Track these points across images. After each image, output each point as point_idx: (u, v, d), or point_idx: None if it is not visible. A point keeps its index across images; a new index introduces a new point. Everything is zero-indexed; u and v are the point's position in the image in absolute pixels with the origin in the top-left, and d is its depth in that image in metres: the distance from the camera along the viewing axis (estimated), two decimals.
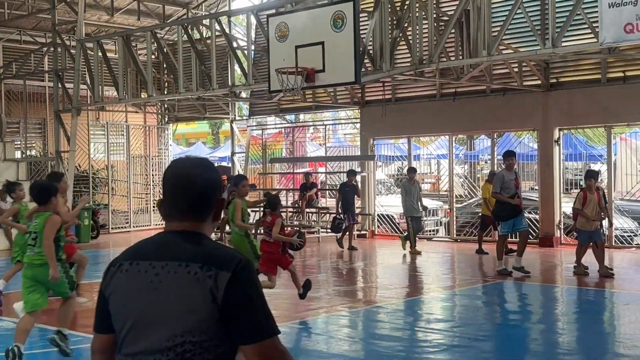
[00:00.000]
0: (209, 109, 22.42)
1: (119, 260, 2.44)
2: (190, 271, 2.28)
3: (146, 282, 2.33)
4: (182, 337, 2.25)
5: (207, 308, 2.24)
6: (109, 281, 2.42)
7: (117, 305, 2.38)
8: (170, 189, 2.45)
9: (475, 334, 8.02)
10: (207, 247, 2.36)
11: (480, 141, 25.11)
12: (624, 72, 14.98)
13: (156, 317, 2.29)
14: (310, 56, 11.93)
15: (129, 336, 2.35)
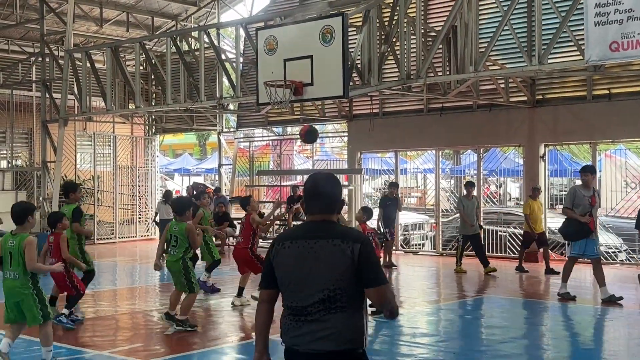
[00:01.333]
0: (197, 120, 22.43)
1: (280, 240, 3.73)
2: (335, 244, 3.58)
3: (304, 253, 3.62)
4: (332, 285, 3.55)
5: (346, 267, 3.55)
6: (275, 254, 3.70)
7: (282, 270, 3.67)
8: (312, 194, 3.74)
9: (460, 348, 8.04)
10: (341, 228, 3.69)
11: (467, 156, 25.27)
12: (609, 90, 15.14)
13: (312, 275, 3.58)
14: (299, 70, 11.98)
15: (291, 290, 3.64)
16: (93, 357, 7.68)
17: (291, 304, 3.65)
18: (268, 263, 3.74)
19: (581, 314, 10.60)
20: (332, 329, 3.56)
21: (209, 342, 8.39)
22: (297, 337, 3.62)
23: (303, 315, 3.60)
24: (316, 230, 3.67)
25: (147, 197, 23.18)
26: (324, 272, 3.58)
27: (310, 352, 3.59)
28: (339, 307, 3.57)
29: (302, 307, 3.61)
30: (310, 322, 3.59)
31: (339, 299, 3.56)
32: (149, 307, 10.87)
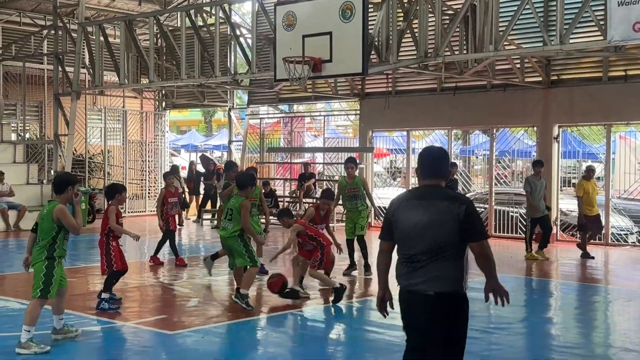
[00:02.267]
0: (207, 96, 22.38)
1: (397, 200, 4.59)
2: (444, 204, 4.38)
3: (419, 211, 4.43)
4: (440, 238, 4.36)
5: (453, 224, 4.35)
6: (393, 212, 4.55)
7: (399, 225, 4.49)
8: (427, 163, 4.58)
9: (482, 326, 8.10)
10: (449, 192, 4.54)
11: (475, 136, 25.23)
12: (625, 71, 15.08)
13: (424, 230, 4.39)
14: (318, 46, 11.95)
15: (406, 241, 4.46)
16: (120, 328, 7.74)
17: (406, 252, 4.47)
18: (387, 220, 4.59)
19: (593, 293, 10.67)
20: (438, 273, 4.36)
21: (231, 314, 8.44)
22: (410, 280, 4.44)
23: (415, 262, 4.41)
24: (429, 193, 4.48)
25: (157, 172, 23.20)
26: (435, 227, 4.37)
27: (420, 292, 4.39)
28: (444, 257, 4.36)
29: (414, 256, 4.42)
30: (420, 268, 4.39)
31: (445, 250, 4.36)
32: (163, 280, 10.93)
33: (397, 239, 4.52)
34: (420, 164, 4.58)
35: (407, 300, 4.46)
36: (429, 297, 4.36)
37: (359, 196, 11.16)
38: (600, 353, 7.15)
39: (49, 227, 6.73)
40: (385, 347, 7.17)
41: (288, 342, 7.60)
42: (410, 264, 4.43)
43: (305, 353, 7.13)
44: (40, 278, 6.70)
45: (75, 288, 9.62)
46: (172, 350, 7.10)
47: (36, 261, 6.78)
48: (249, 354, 7.06)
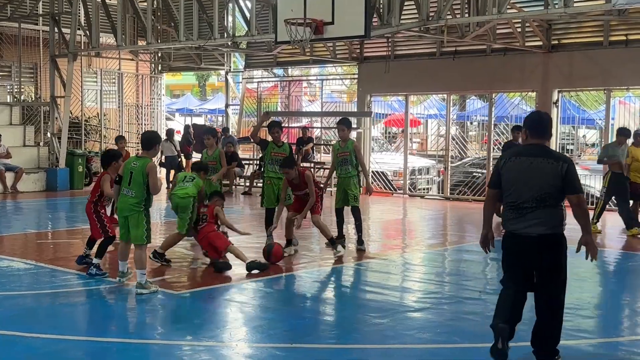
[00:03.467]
0: (204, 59, 22.20)
1: (507, 156, 5.40)
2: (549, 161, 5.18)
3: (526, 166, 5.23)
4: (545, 190, 5.16)
5: (556, 178, 5.14)
6: (503, 165, 5.34)
7: (508, 176, 5.29)
8: (537, 125, 5.35)
9: (485, 288, 8.18)
10: (553, 152, 5.41)
11: (472, 102, 25.17)
12: (626, 36, 15.03)
13: (531, 182, 5.19)
14: (319, 8, 11.81)
15: (513, 191, 5.27)
16: (128, 288, 7.77)
17: (513, 200, 5.27)
18: (497, 171, 5.39)
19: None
20: (542, 218, 5.19)
21: (234, 276, 8.49)
22: (517, 224, 5.27)
23: (522, 209, 5.22)
24: (537, 151, 5.26)
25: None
26: (540, 180, 5.18)
27: (526, 234, 5.23)
28: (547, 205, 5.18)
29: (521, 203, 5.23)
30: (526, 214, 5.21)
31: (548, 199, 5.18)
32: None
33: (505, 189, 5.30)
34: (530, 126, 5.34)
35: (516, 241, 5.29)
36: (534, 238, 5.20)
37: (349, 161, 10.17)
38: (600, 313, 7.24)
39: (142, 181, 7.31)
40: (390, 308, 7.24)
41: (290, 302, 7.65)
42: (517, 211, 5.25)
43: (312, 313, 7.19)
44: (144, 226, 7.38)
45: (76, 249, 9.64)
46: (178, 310, 7.16)
47: (133, 212, 7.36)
48: (255, 314, 7.11)
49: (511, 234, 5.32)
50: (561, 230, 5.25)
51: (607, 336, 6.47)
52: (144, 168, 7.29)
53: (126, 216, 7.42)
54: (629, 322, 7.14)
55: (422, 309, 7.40)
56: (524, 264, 5.29)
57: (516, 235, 5.27)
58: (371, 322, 6.73)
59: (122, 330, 6.52)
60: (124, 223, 7.47)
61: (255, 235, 10.83)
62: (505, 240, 5.40)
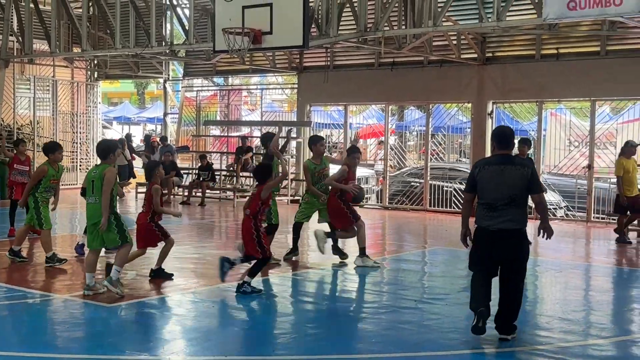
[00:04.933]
0: (142, 67, 21.90)
1: (481, 164, 6.33)
2: (516, 167, 6.18)
3: (498, 172, 6.17)
4: (514, 192, 6.11)
5: (523, 181, 6.13)
6: (478, 172, 6.26)
7: (483, 181, 6.20)
8: (501, 138, 6.36)
9: (421, 297, 8.26)
10: (519, 159, 6.79)
11: (410, 112, 25.51)
12: (557, 49, 15.48)
13: (503, 185, 6.12)
14: (258, 18, 11.83)
15: (488, 193, 6.17)
16: (53, 301, 7.57)
17: (487, 201, 6.19)
18: (473, 177, 6.30)
19: None
20: (512, 216, 6.13)
21: (167, 288, 8.37)
22: (490, 220, 6.16)
23: (494, 208, 6.14)
24: (505, 160, 6.27)
25: (89, 144, 22.67)
26: (510, 184, 6.14)
27: (497, 229, 6.14)
28: (515, 204, 6.13)
29: (494, 203, 6.14)
30: (499, 212, 6.12)
31: (516, 199, 6.13)
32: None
33: (480, 191, 6.22)
34: (498, 140, 6.36)
35: (490, 236, 6.15)
36: (504, 232, 6.11)
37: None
38: (531, 322, 7.39)
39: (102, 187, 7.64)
40: (327, 317, 7.25)
41: (226, 313, 7.59)
42: (490, 210, 6.15)
43: (248, 325, 7.14)
44: (114, 229, 7.68)
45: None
46: (111, 323, 7.00)
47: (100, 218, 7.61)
48: (190, 326, 7.02)
49: (484, 230, 6.20)
50: (525, 226, 6.22)
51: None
52: (102, 174, 7.65)
53: (95, 223, 7.69)
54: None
55: (359, 318, 7.44)
56: (493, 255, 6.21)
57: (489, 230, 6.15)
58: (307, 332, 6.73)
59: (50, 345, 6.33)
60: (93, 230, 7.73)
61: (193, 246, 10.69)
62: (478, 234, 6.27)
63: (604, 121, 16.94)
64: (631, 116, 17.33)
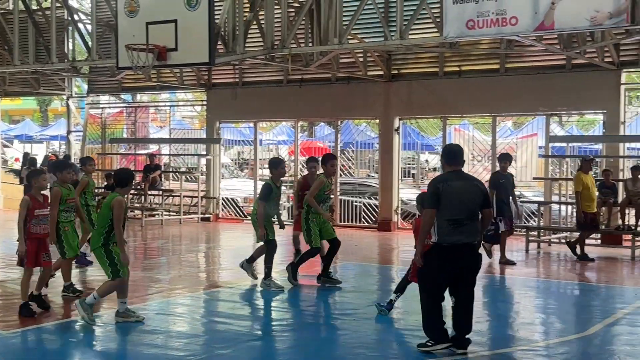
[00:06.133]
0: (43, 84, 21.20)
1: (441, 181, 6.36)
2: (474, 184, 6.48)
3: (459, 188, 6.30)
4: (475, 206, 6.34)
5: (481, 197, 6.39)
6: (442, 189, 6.26)
7: (446, 198, 6.23)
8: (453, 156, 6.51)
9: (328, 313, 8.29)
10: (470, 176, 6.80)
11: (321, 128, 25.74)
12: (459, 67, 15.96)
13: (465, 200, 6.29)
14: (163, 34, 11.69)
15: (453, 209, 6.22)
16: None
17: (451, 217, 6.22)
18: (436, 194, 6.26)
19: None
20: (473, 230, 6.32)
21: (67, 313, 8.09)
22: (455, 235, 6.23)
23: (458, 224, 6.22)
24: (462, 176, 6.44)
25: None
26: (472, 199, 6.32)
27: (462, 243, 6.25)
28: (475, 219, 6.33)
29: (459, 219, 6.22)
30: (462, 227, 6.23)
31: (476, 214, 6.34)
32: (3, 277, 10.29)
33: (444, 207, 6.21)
34: (450, 155, 6.50)
35: (458, 251, 6.23)
36: (467, 246, 6.28)
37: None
38: (491, 338, 7.53)
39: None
40: (234, 337, 7.17)
41: (135, 336, 7.38)
42: (455, 225, 6.22)
43: (153, 347, 6.97)
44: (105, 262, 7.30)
45: None
46: (6, 350, 6.69)
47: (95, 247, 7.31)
48: (87, 350, 6.79)
49: (451, 245, 6.26)
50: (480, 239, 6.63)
51: None
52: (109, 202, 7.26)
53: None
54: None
55: (265, 337, 7.38)
56: (454, 269, 6.32)
57: (457, 245, 6.25)
58: (215, 353, 6.63)
59: None
60: None
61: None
62: (441, 251, 6.30)
63: (505, 136, 17.58)
64: (530, 131, 18.07)
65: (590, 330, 7.59)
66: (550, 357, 6.76)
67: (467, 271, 6.40)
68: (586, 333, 7.48)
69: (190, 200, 19.23)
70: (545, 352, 6.87)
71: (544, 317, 8.58)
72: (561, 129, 18.80)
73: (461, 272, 6.36)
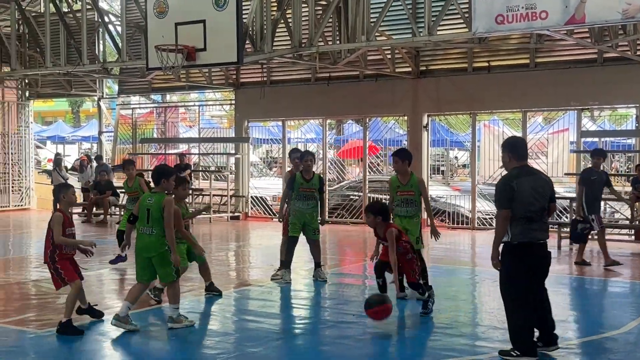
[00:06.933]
0: (75, 85, 21.48)
1: (513, 177, 6.01)
2: (544, 177, 6.31)
3: (533, 183, 6.05)
4: (546, 202, 6.12)
5: (551, 191, 6.23)
6: (515, 185, 5.96)
7: (519, 195, 5.97)
8: (522, 150, 6.20)
9: (358, 311, 8.27)
10: (539, 170, 6.72)
11: (349, 126, 25.71)
12: (488, 62, 15.83)
13: (539, 195, 6.06)
14: (191, 34, 11.75)
15: (528, 205, 5.99)
16: None
17: (525, 214, 5.99)
18: (510, 192, 5.97)
19: (461, 275, 11.17)
20: (545, 226, 6.17)
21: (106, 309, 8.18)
22: (531, 233, 6.02)
23: (532, 221, 6.00)
24: (531, 171, 6.22)
25: (21, 165, 22.10)
26: (544, 193, 6.12)
27: (541, 241, 6.10)
28: (545, 214, 6.15)
29: (532, 216, 6.00)
30: (535, 224, 6.02)
31: (545, 210, 6.14)
32: (30, 278, 10.44)
33: (516, 205, 5.96)
34: (519, 150, 6.14)
35: (533, 249, 6.03)
36: (544, 244, 6.14)
37: (414, 201, 8.80)
38: (469, 332, 7.49)
39: (160, 217, 7.04)
40: (265, 336, 7.19)
41: (166, 334, 7.45)
42: (529, 222, 5.98)
43: (186, 344, 7.03)
44: (170, 263, 7.10)
45: None
46: (41, 350, 6.78)
47: (156, 251, 7.08)
48: (120, 348, 6.86)
49: (521, 243, 5.99)
50: None
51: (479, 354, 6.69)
52: (160, 203, 7.02)
53: (150, 257, 7.11)
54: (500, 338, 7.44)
55: (298, 335, 7.39)
56: (539, 268, 6.16)
57: (532, 244, 6.03)
58: (246, 352, 6.65)
59: None
60: (146, 264, 7.16)
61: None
62: (513, 250, 6.02)
63: (536, 131, 17.39)
64: (561, 126, 17.85)
65: (624, 328, 7.48)
66: (584, 354, 6.68)
67: (541, 269, 6.16)
68: (621, 330, 7.38)
69: (220, 199, 19.34)
70: (579, 349, 6.79)
71: (577, 314, 8.48)
72: (593, 124, 18.56)
73: (536, 270, 6.11)
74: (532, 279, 6.08)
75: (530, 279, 6.07)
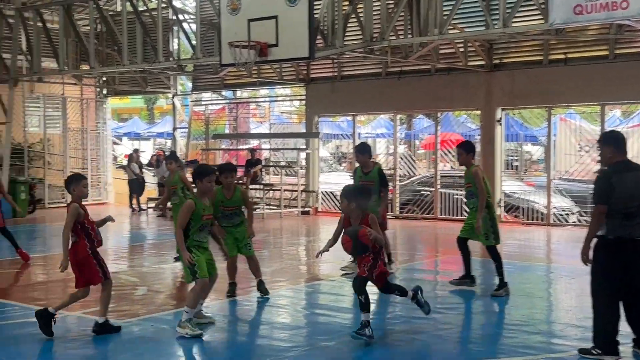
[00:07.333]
0: (150, 82, 21.99)
1: (612, 173, 5.86)
2: None
3: (631, 179, 5.84)
4: None
5: None
6: (615, 181, 5.81)
7: (619, 190, 5.78)
8: (622, 143, 6.00)
9: (432, 307, 8.19)
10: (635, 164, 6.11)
11: (420, 121, 25.50)
12: (565, 54, 15.41)
13: (636, 193, 5.81)
14: (263, 30, 11.85)
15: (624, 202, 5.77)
16: (65, 318, 7.56)
17: (623, 210, 5.79)
18: (609, 186, 5.80)
19: (538, 272, 10.92)
20: None
21: (177, 302, 8.34)
22: (627, 229, 5.80)
23: (630, 217, 5.79)
24: (631, 166, 5.99)
25: (99, 160, 22.79)
26: None
27: (638, 238, 5.82)
28: None
29: (630, 212, 5.78)
30: (632, 220, 5.79)
31: None
32: (110, 269, 10.72)
33: (614, 201, 5.77)
34: (621, 143, 5.97)
35: (623, 245, 5.79)
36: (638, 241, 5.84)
37: (473, 193, 8.81)
38: (545, 329, 7.32)
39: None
40: (337, 330, 7.20)
41: (240, 327, 7.55)
42: (626, 218, 5.78)
43: (259, 337, 7.10)
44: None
45: (16, 279, 9.37)
46: (122, 339, 6.97)
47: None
48: (198, 340, 6.98)
49: (616, 238, 5.81)
50: None
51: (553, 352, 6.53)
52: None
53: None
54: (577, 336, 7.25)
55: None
56: (635, 266, 5.86)
57: (629, 239, 5.81)
58: (319, 345, 6.67)
59: None
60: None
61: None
62: (607, 245, 5.84)
63: (614, 125, 16.84)
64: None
65: None
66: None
67: (637, 267, 5.87)
68: None
69: (290, 194, 19.47)
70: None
71: None
72: None
73: (632, 268, 5.86)
74: (627, 276, 5.86)
75: (625, 276, 5.86)
